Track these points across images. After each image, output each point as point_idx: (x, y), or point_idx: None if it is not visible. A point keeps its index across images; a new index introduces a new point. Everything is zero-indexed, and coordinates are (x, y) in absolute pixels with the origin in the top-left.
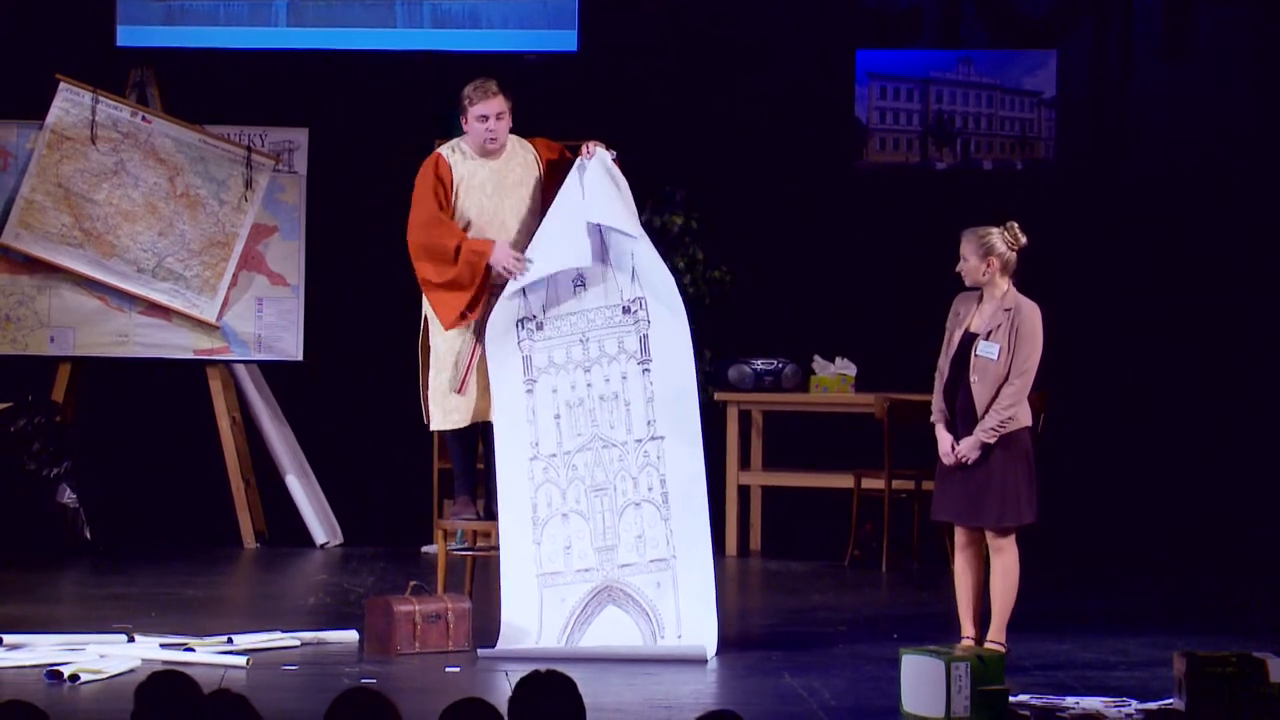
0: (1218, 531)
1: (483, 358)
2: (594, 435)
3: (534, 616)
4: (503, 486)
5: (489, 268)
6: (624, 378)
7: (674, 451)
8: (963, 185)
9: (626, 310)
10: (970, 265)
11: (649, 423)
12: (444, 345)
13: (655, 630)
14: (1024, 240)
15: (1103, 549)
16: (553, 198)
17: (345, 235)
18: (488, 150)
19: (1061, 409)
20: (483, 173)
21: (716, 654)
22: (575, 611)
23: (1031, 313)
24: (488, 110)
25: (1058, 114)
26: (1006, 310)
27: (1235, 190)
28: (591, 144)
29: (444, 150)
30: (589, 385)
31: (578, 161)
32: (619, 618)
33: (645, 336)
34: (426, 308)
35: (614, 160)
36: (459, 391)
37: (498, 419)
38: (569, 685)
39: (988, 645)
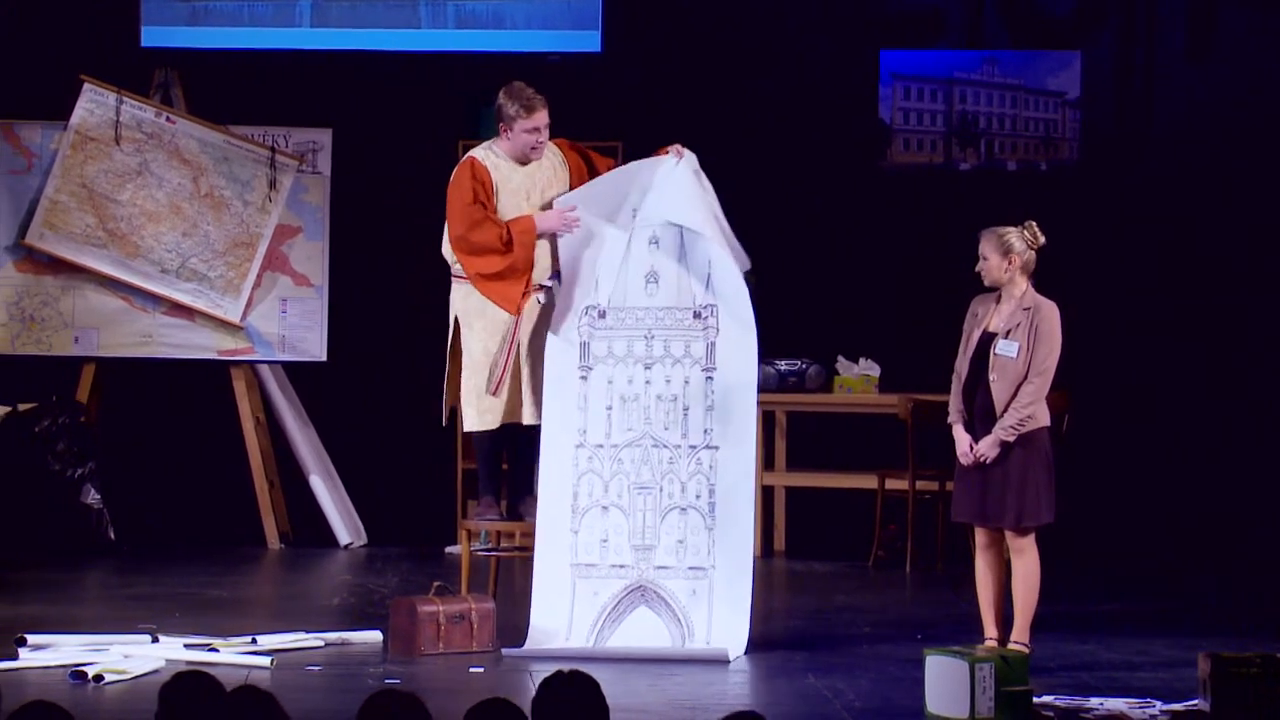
0: (1238, 532)
1: (516, 359)
2: (645, 433)
3: (565, 607)
4: (545, 471)
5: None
6: (686, 382)
7: (727, 462)
8: (987, 186)
9: (697, 315)
10: (991, 264)
11: (705, 430)
12: (478, 347)
13: (685, 635)
14: (1042, 239)
15: (1126, 549)
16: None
17: (369, 236)
18: (528, 158)
19: (1084, 409)
20: (517, 177)
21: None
22: (607, 607)
23: (1051, 312)
24: (539, 123)
25: (1082, 115)
26: (1026, 309)
27: (1260, 192)
28: (679, 146)
29: (478, 153)
30: (647, 383)
31: (657, 159)
32: (650, 619)
33: (713, 344)
34: (456, 307)
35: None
36: (493, 393)
37: (547, 403)
38: (592, 685)
39: (1011, 646)
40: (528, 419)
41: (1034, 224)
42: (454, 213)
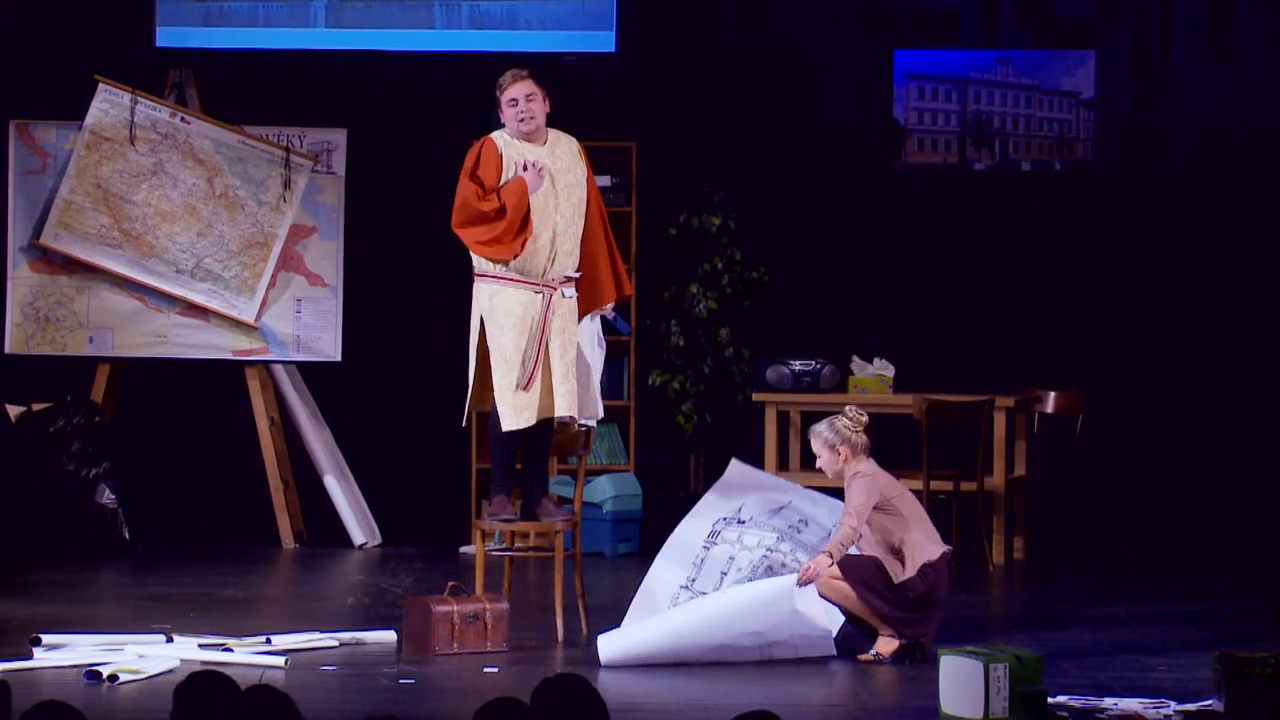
0: (1254, 532)
1: (546, 353)
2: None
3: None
4: (640, 595)
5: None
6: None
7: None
8: (1001, 186)
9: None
10: (824, 461)
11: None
12: (509, 343)
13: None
14: (865, 419)
15: (1139, 549)
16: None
17: (383, 236)
18: (525, 132)
19: (1102, 410)
20: (532, 155)
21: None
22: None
23: (853, 486)
24: (517, 94)
25: (1096, 115)
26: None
27: (1274, 192)
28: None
29: (493, 136)
30: (748, 563)
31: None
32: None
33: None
34: (482, 306)
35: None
36: (525, 388)
37: (668, 545)
38: (588, 688)
39: None
40: (560, 410)
41: (852, 408)
42: (457, 192)
